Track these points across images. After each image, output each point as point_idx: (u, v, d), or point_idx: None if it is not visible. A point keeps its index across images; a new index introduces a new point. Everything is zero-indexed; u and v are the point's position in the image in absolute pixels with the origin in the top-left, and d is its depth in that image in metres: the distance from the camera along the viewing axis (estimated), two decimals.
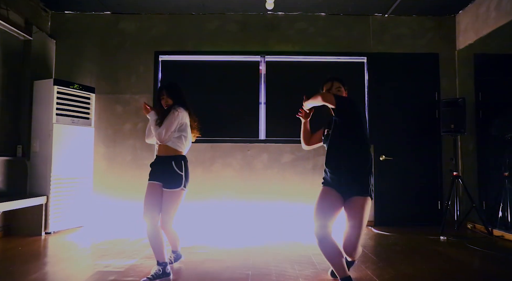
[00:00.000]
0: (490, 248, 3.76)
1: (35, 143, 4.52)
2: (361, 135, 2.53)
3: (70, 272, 2.94)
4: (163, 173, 2.78)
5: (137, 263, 3.14)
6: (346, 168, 2.47)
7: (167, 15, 5.27)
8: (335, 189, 2.49)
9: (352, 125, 2.52)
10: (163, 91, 2.91)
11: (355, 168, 2.46)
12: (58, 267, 3.05)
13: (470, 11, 4.93)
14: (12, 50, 4.50)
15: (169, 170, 2.75)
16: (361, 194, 2.43)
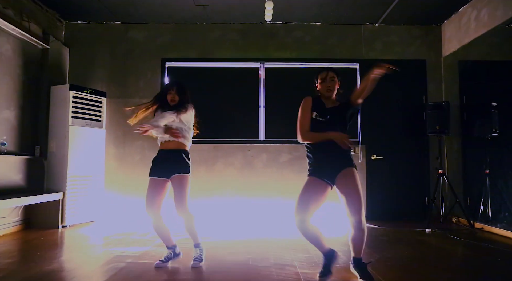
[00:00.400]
0: (468, 238, 4.14)
1: (52, 143, 4.90)
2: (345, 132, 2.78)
3: (90, 257, 3.31)
4: (174, 162, 2.99)
5: (149, 250, 3.51)
6: (332, 153, 2.66)
7: (173, 25, 5.67)
8: (320, 177, 2.66)
9: (341, 125, 2.81)
10: (174, 87, 3.07)
11: (340, 152, 2.67)
12: (79, 253, 3.42)
13: (454, 21, 5.32)
14: (32, 58, 4.89)
15: (179, 160, 2.99)
16: (348, 165, 2.66)
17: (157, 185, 3.01)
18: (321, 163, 2.68)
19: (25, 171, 4.63)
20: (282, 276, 2.72)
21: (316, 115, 2.76)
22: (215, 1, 4.94)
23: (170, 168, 3.00)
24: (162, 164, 3.02)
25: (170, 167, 3.00)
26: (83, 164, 4.99)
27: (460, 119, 5.52)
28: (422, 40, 5.69)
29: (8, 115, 4.43)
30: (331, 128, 2.69)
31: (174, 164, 3.00)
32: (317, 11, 5.27)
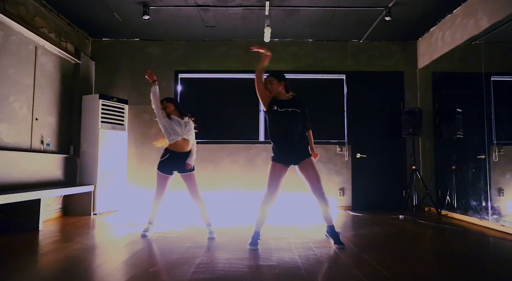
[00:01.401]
0: (432, 222, 5.02)
1: (84, 144, 5.77)
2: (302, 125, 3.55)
3: (120, 237, 4.19)
4: (183, 163, 3.90)
5: (166, 231, 4.39)
6: (294, 143, 3.43)
7: (185, 41, 6.55)
8: (282, 162, 3.44)
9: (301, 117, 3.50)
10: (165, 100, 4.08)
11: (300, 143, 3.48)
12: (110, 234, 4.30)
13: (426, 39, 6.21)
14: (67, 72, 5.77)
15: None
16: (307, 156, 3.49)
17: (168, 181, 4.02)
18: (288, 152, 3.47)
19: (63, 167, 5.50)
20: (278, 244, 3.60)
21: (277, 108, 3.48)
22: (221, 23, 5.82)
23: (181, 167, 3.95)
24: (176, 162, 3.94)
25: (180, 167, 3.94)
26: (109, 161, 5.87)
27: (433, 123, 6.40)
28: (400, 54, 6.58)
29: (50, 121, 5.31)
30: (292, 116, 3.44)
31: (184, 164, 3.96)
32: (309, 30, 6.15)
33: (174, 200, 6.19)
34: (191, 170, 3.95)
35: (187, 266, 2.77)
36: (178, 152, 3.93)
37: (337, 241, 3.48)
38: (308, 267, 2.79)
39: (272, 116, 3.47)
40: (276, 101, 3.53)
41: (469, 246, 3.61)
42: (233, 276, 2.56)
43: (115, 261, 3.01)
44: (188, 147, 3.97)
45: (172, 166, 3.94)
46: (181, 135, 3.93)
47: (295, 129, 3.44)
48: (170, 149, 3.96)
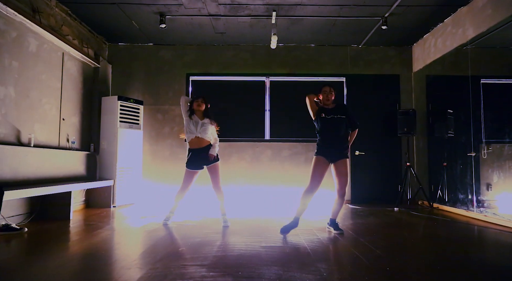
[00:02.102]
0: (424, 213, 5.51)
1: (103, 142, 6.25)
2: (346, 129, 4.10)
3: (139, 227, 4.67)
4: (205, 157, 4.39)
5: (183, 221, 4.88)
6: (337, 145, 3.99)
7: (196, 46, 7.02)
8: (325, 156, 3.93)
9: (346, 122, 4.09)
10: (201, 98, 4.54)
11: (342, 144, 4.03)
12: (130, 224, 4.78)
13: (420, 44, 6.69)
14: (88, 75, 6.25)
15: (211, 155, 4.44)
16: (344, 157, 3.98)
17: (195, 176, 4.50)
18: (330, 150, 3.98)
19: (85, 163, 5.98)
20: None
21: (325, 115, 4.03)
22: (231, 30, 6.29)
23: (206, 160, 4.44)
24: (201, 156, 4.43)
25: (205, 160, 4.44)
26: (127, 158, 6.35)
27: (427, 122, 6.89)
28: (396, 58, 7.05)
29: (74, 121, 5.79)
30: (338, 122, 4.00)
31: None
32: (312, 36, 6.61)
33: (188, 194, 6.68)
34: (216, 160, 4.43)
35: (209, 247, 3.26)
36: (196, 148, 4.41)
37: (336, 228, 3.97)
38: (312, 247, 3.28)
39: (321, 122, 4.04)
40: (324, 110, 4.08)
41: (454, 233, 4.10)
42: (250, 254, 3.05)
43: (145, 244, 3.50)
44: (203, 143, 4.42)
45: (197, 161, 4.41)
46: (195, 133, 4.40)
47: (339, 133, 3.99)
48: (190, 147, 4.46)
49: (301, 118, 6.86)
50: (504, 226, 4.39)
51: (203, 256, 2.93)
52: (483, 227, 4.42)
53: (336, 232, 3.95)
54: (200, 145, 4.41)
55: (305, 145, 6.85)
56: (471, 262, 2.93)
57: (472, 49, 5.85)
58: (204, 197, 6.45)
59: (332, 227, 4.04)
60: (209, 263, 2.73)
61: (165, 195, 6.71)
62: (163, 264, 2.71)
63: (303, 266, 2.69)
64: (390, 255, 3.02)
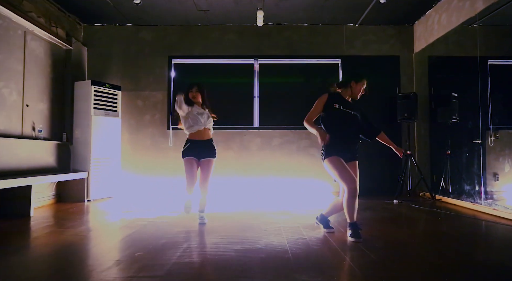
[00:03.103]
0: (425, 206, 5.02)
1: (77, 131, 5.74)
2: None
3: (113, 222, 4.19)
4: (205, 149, 3.90)
5: (159, 216, 4.39)
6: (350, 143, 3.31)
7: (178, 26, 6.46)
8: (341, 156, 3.20)
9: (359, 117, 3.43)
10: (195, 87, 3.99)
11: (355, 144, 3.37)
12: (103, 219, 4.30)
13: (422, 22, 6.12)
14: (58, 58, 5.71)
15: (210, 146, 3.95)
16: (355, 159, 3.34)
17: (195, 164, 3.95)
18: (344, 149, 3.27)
19: (56, 154, 5.48)
20: (268, 229, 3.59)
21: (340, 106, 3.28)
22: (214, 7, 5.73)
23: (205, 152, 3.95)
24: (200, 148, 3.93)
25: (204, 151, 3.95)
26: (103, 148, 5.84)
27: (429, 107, 6.35)
28: (396, 38, 6.49)
29: (42, 107, 5.28)
30: (353, 120, 3.33)
31: (207, 149, 3.97)
32: (304, 14, 6.05)
33: (171, 187, 6.20)
34: (212, 157, 3.95)
35: (173, 250, 2.76)
36: (199, 140, 3.92)
37: (326, 226, 3.47)
38: (295, 250, 2.78)
39: (333, 114, 3.31)
40: (340, 99, 3.37)
41: (459, 229, 3.60)
42: (218, 260, 2.56)
43: (102, 246, 3.01)
44: (207, 135, 3.99)
45: (195, 151, 3.91)
46: (202, 125, 3.93)
47: (352, 133, 3.34)
48: (191, 138, 3.95)
49: (293, 103, 6.37)
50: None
51: (160, 264, 2.44)
52: (492, 222, 3.92)
53: (325, 230, 3.45)
54: (203, 137, 3.96)
55: (297, 133, 6.33)
56: (479, 265, 2.43)
57: (480, 28, 5.29)
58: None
59: (321, 223, 3.53)
60: (163, 274, 2.24)
61: (146, 187, 6.22)
62: (110, 274, 2.22)
63: (277, 278, 2.19)
64: (386, 261, 2.52)
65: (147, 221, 4.01)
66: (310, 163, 6.29)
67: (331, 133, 3.25)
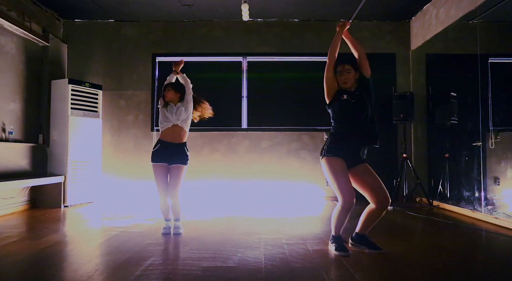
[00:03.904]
0: (421, 213, 4.70)
1: (53, 132, 5.42)
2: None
3: (89, 229, 3.87)
4: (176, 154, 3.48)
5: (137, 223, 4.07)
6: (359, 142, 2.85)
7: (163, 22, 6.15)
8: (343, 158, 2.79)
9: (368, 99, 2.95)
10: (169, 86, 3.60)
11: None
12: (79, 226, 3.98)
13: (419, 18, 5.80)
14: (33, 55, 5.39)
15: (182, 152, 3.51)
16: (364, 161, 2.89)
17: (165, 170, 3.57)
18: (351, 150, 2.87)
19: (30, 156, 5.16)
20: (246, 240, 3.27)
21: (348, 97, 2.90)
22: (199, 1, 5.41)
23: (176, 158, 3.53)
24: (169, 152, 3.52)
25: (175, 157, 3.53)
26: (82, 150, 5.52)
27: (426, 108, 6.03)
28: (392, 35, 6.17)
29: (14, 107, 4.96)
30: (361, 104, 2.88)
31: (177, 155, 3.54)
32: (294, 8, 5.73)
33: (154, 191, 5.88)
34: (183, 164, 3.51)
35: (134, 267, 2.44)
36: (169, 142, 3.50)
37: (371, 246, 2.90)
38: (271, 268, 2.46)
39: (339, 104, 2.91)
40: (345, 91, 2.95)
41: (458, 241, 3.29)
42: (180, 280, 2.24)
43: (62, 260, 2.69)
44: (179, 137, 3.52)
45: (164, 155, 3.49)
46: (172, 121, 3.50)
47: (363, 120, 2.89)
48: (161, 138, 3.53)
49: (284, 104, 6.06)
50: None
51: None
52: (493, 233, 3.60)
53: (370, 250, 2.86)
54: (175, 139, 3.50)
55: (288, 134, 6.00)
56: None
57: (480, 23, 4.97)
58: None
59: (365, 245, 2.93)
60: None
61: (129, 191, 5.91)
62: None
63: None
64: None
65: (120, 230, 3.69)
66: (301, 166, 5.97)
67: (336, 128, 2.91)
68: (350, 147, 2.84)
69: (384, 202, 2.83)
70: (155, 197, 5.70)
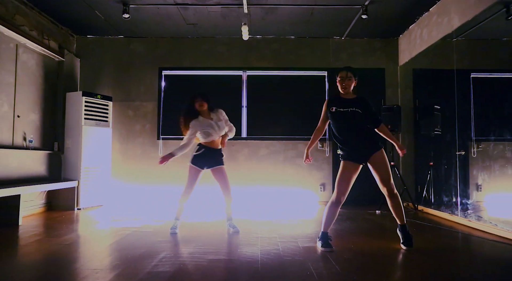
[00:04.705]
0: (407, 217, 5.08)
1: (68, 140, 5.88)
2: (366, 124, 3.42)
3: (101, 229, 4.31)
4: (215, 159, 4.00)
5: (147, 224, 4.51)
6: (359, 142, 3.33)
7: (169, 38, 6.63)
8: (352, 160, 3.29)
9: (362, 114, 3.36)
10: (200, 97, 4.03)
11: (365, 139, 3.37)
12: (92, 227, 4.42)
13: (406, 36, 6.28)
14: (50, 69, 5.86)
15: (220, 155, 4.06)
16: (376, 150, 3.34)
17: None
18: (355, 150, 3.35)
19: (47, 163, 5.61)
20: (245, 239, 3.71)
21: (336, 109, 3.29)
22: (202, 21, 5.89)
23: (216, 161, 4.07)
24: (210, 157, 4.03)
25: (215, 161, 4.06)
26: (94, 157, 5.97)
27: (414, 119, 6.49)
28: (381, 51, 6.64)
29: (33, 118, 5.42)
30: (352, 117, 3.27)
31: (218, 159, 4.09)
32: (290, 27, 6.21)
33: (160, 195, 6.32)
34: (221, 164, 4.02)
35: (149, 260, 2.88)
36: (213, 148, 4.01)
37: (407, 242, 3.32)
38: (265, 261, 2.90)
39: (332, 117, 3.36)
40: (337, 101, 3.40)
41: (434, 242, 3.72)
42: (190, 269, 2.68)
43: (84, 255, 3.14)
44: (219, 143, 4.05)
45: (206, 160, 3.99)
46: (218, 134, 4.01)
47: (357, 128, 3.32)
48: (206, 144, 3.99)
49: (281, 114, 6.52)
50: (488, 232, 4.01)
51: (135, 272, 2.57)
52: (466, 234, 4.04)
53: (404, 246, 3.31)
54: (217, 145, 4.04)
55: (284, 143, 6.47)
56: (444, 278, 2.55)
57: (462, 41, 5.45)
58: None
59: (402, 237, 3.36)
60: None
61: (136, 196, 6.35)
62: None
63: None
64: (349, 272, 2.64)
65: (131, 230, 4.13)
66: (296, 172, 6.42)
67: (338, 136, 3.37)
68: (353, 149, 3.33)
69: (385, 189, 3.41)
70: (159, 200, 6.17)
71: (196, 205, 5.96)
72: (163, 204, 6.15)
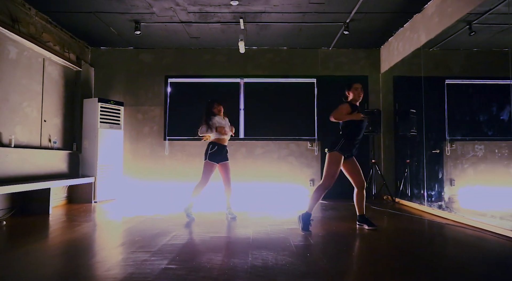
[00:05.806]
0: (383, 207, 5.88)
1: (85, 141, 6.64)
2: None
3: (118, 219, 5.07)
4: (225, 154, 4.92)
5: (157, 213, 5.27)
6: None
7: (174, 49, 7.38)
8: (345, 154, 3.99)
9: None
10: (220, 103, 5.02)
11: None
12: (109, 217, 5.18)
13: (386, 47, 7.03)
14: (70, 78, 6.62)
15: (227, 152, 4.96)
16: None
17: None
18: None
19: (67, 161, 6.37)
20: (241, 224, 4.46)
21: (363, 117, 4.08)
22: (204, 35, 6.64)
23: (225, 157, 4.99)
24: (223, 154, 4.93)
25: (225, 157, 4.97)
26: (107, 156, 6.73)
27: (394, 121, 7.24)
28: (365, 60, 7.39)
29: (56, 122, 6.18)
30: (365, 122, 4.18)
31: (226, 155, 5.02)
32: (283, 40, 6.96)
33: (166, 190, 7.08)
34: (227, 159, 4.95)
35: (163, 237, 3.64)
36: (223, 144, 4.90)
37: (370, 224, 4.12)
38: (256, 237, 3.66)
39: (359, 122, 4.09)
40: (357, 108, 4.18)
41: (395, 225, 4.48)
42: (196, 242, 3.44)
43: (110, 235, 3.89)
44: (227, 141, 4.99)
45: (220, 155, 4.86)
46: (229, 134, 4.95)
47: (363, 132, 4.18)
48: (219, 142, 4.85)
49: (274, 117, 7.27)
50: (446, 218, 4.76)
51: (153, 245, 3.32)
52: (428, 220, 4.78)
53: (369, 228, 4.08)
54: (226, 142, 4.97)
55: (277, 143, 7.22)
56: (394, 252, 3.30)
57: (437, 52, 6.21)
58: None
59: (365, 223, 4.17)
60: (155, 250, 3.12)
61: (145, 191, 7.10)
62: (117, 250, 3.10)
63: (238, 253, 3.07)
64: (319, 244, 3.40)
65: (145, 217, 4.89)
66: (289, 169, 7.18)
67: (355, 136, 4.07)
68: (354, 147, 4.09)
69: (361, 183, 4.15)
70: (166, 195, 6.92)
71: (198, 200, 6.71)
72: (169, 197, 6.91)
